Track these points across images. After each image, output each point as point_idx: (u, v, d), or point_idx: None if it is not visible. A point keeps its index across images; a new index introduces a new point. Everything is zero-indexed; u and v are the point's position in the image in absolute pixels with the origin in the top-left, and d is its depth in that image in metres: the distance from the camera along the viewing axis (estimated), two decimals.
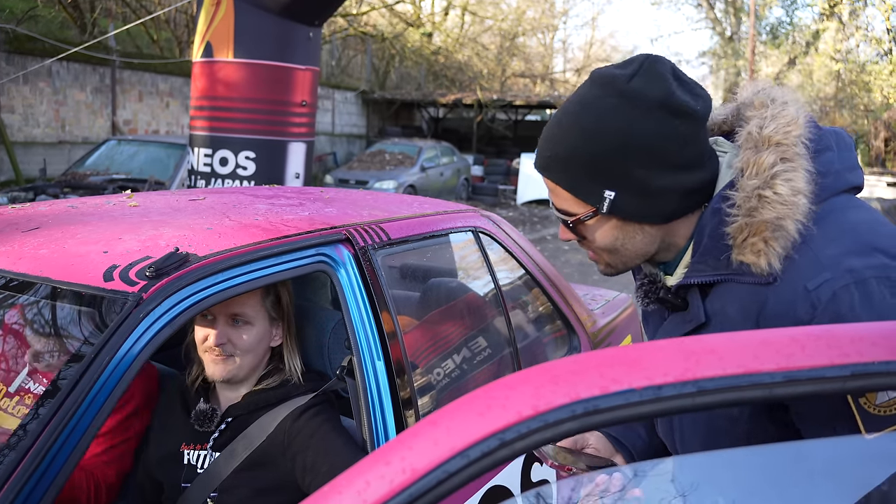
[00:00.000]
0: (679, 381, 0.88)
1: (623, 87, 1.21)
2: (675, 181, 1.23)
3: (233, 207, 2.09)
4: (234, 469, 1.84)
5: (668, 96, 1.20)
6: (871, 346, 0.93)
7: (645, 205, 1.25)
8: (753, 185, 1.20)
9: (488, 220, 2.64)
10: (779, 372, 0.90)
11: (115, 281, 1.52)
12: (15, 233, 1.83)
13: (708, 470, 1.11)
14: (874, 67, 26.61)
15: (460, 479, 0.82)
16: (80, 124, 13.99)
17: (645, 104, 1.20)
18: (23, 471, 1.26)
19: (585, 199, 1.27)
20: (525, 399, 0.85)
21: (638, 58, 1.25)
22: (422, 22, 26.89)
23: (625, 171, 1.23)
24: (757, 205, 1.18)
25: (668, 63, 1.25)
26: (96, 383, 1.36)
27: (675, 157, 1.22)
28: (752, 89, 1.35)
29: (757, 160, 1.21)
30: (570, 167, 1.27)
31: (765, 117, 1.26)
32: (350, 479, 0.83)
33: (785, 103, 1.28)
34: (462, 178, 19.29)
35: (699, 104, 1.23)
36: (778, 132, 1.22)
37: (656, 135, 1.20)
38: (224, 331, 1.89)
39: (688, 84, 1.25)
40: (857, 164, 1.30)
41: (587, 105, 1.24)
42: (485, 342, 2.43)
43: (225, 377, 1.90)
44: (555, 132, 1.28)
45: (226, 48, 5.58)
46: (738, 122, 1.31)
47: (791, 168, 1.20)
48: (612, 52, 40.08)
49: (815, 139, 1.25)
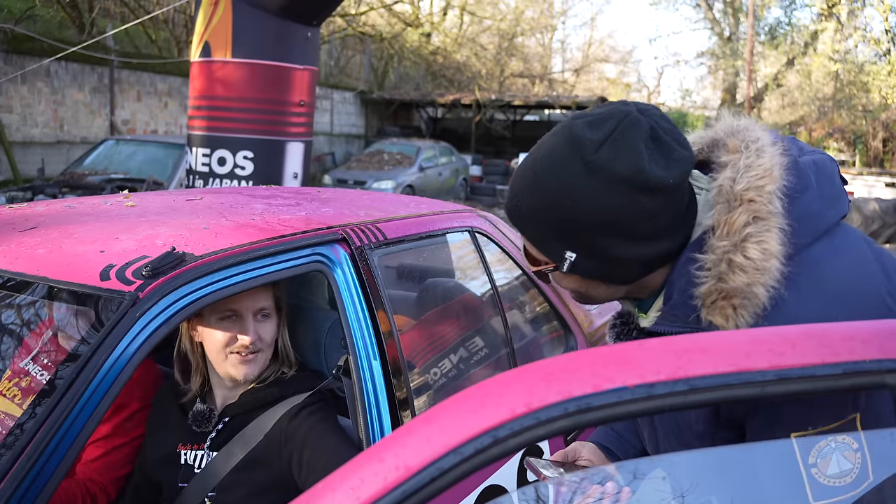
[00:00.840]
0: (671, 380, 0.88)
1: (591, 156, 1.16)
2: (638, 252, 1.20)
3: (230, 207, 2.10)
4: (232, 468, 1.84)
5: (636, 173, 1.14)
6: (863, 345, 0.93)
7: (606, 269, 1.24)
8: (724, 248, 1.16)
9: (485, 221, 2.64)
10: (770, 370, 0.90)
11: (111, 280, 1.53)
12: (12, 232, 1.83)
13: (691, 469, 1.11)
14: (872, 68, 26.61)
15: (453, 476, 0.83)
16: (79, 124, 13.98)
17: (610, 179, 1.15)
18: (19, 468, 1.26)
19: (547, 255, 1.26)
20: (518, 397, 0.86)
21: (614, 116, 1.19)
22: (420, 22, 26.88)
23: (586, 238, 1.20)
24: (727, 270, 1.15)
25: (646, 124, 1.18)
26: (92, 382, 1.36)
27: (639, 231, 1.18)
28: (728, 125, 1.29)
29: (728, 219, 1.17)
30: (532, 223, 1.25)
31: (738, 168, 1.20)
32: (344, 476, 0.84)
33: (760, 150, 1.22)
34: (460, 178, 19.29)
35: (674, 172, 1.16)
36: (751, 188, 1.17)
37: (620, 210, 1.16)
38: (254, 328, 1.87)
39: (665, 146, 1.18)
40: (839, 192, 1.26)
41: (554, 166, 1.20)
42: (481, 342, 2.43)
43: (254, 375, 1.89)
44: (522, 184, 1.25)
45: (224, 48, 5.58)
46: (713, 156, 1.27)
47: (764, 228, 1.16)
48: (611, 52, 40.07)
49: (793, 184, 1.20)
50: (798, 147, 1.30)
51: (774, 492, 1.05)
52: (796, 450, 1.06)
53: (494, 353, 2.47)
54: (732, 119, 1.31)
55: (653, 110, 1.22)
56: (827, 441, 1.04)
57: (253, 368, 1.88)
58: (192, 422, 1.92)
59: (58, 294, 1.56)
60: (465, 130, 25.06)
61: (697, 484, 1.02)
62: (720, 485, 1.05)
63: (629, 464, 1.37)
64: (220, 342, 1.86)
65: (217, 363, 1.90)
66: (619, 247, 1.20)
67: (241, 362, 1.87)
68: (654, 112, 1.21)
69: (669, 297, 1.24)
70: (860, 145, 23.73)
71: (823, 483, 1.05)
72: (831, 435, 1.05)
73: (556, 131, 1.25)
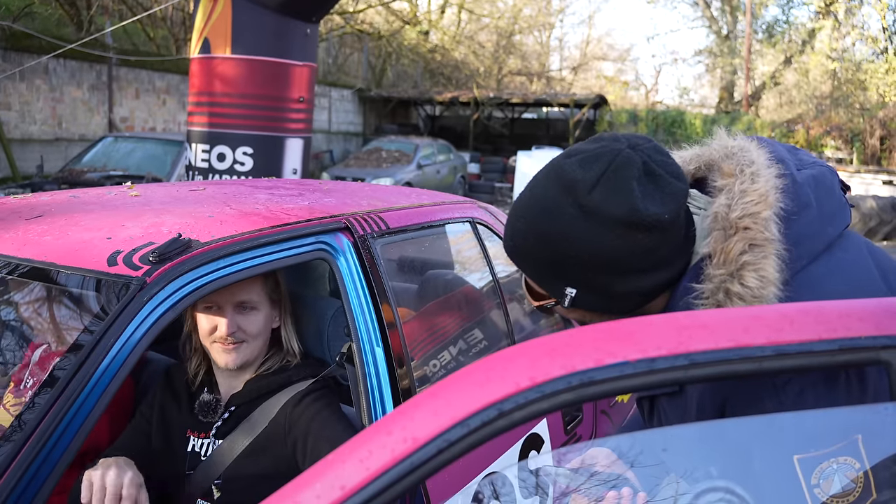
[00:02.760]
0: (672, 354, 0.90)
1: (583, 199, 1.16)
2: (637, 285, 1.21)
3: (233, 197, 2.12)
4: (238, 456, 1.86)
5: (629, 213, 1.14)
6: (859, 322, 0.95)
7: (606, 303, 1.24)
8: (721, 277, 1.16)
9: (485, 212, 2.66)
10: (768, 346, 0.92)
11: (118, 265, 1.55)
12: (18, 220, 1.85)
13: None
14: (870, 66, 26.65)
15: (460, 448, 0.85)
16: (77, 122, 13.99)
17: (605, 221, 1.15)
18: (29, 450, 1.28)
19: (548, 292, 1.28)
20: (523, 371, 0.88)
21: (604, 156, 1.18)
22: (418, 20, 26.89)
23: (584, 276, 1.21)
24: (724, 299, 1.15)
25: (638, 160, 1.18)
26: (100, 366, 1.38)
27: (636, 266, 1.19)
28: (723, 147, 1.29)
29: (724, 248, 1.17)
30: (531, 263, 1.27)
31: (733, 194, 1.20)
32: (353, 448, 0.86)
33: (755, 174, 1.21)
34: (458, 175, 19.32)
35: (669, 206, 1.16)
36: (745, 215, 1.17)
37: (617, 249, 1.17)
38: (233, 319, 1.90)
39: (659, 181, 1.17)
40: (840, 205, 1.26)
41: (547, 210, 1.20)
42: (482, 332, 2.45)
43: (238, 364, 1.91)
44: (518, 226, 1.26)
45: (223, 44, 5.59)
46: (710, 176, 1.27)
47: (761, 255, 1.15)
48: (609, 50, 40.07)
49: (790, 206, 1.19)
50: (797, 159, 1.29)
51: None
52: (798, 471, 1.07)
53: (496, 344, 2.49)
54: (727, 139, 1.31)
55: (644, 144, 1.21)
56: (829, 462, 1.04)
57: (236, 357, 1.91)
58: (198, 411, 1.94)
59: (66, 279, 1.58)
60: (463, 128, 25.10)
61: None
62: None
63: (628, 437, 1.38)
64: (205, 331, 1.92)
65: (208, 350, 1.95)
66: (618, 282, 1.21)
67: (224, 350, 1.91)
68: (645, 146, 1.21)
69: None
70: (857, 143, 23.75)
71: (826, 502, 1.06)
72: (833, 456, 1.05)
73: (548, 171, 1.24)
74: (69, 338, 1.53)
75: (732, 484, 0.98)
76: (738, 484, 0.97)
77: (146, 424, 2.00)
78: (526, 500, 1.72)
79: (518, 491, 2.07)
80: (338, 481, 0.83)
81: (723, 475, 1.04)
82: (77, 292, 1.57)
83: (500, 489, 2.15)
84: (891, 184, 17.33)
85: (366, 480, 0.83)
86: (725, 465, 1.05)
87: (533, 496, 1.69)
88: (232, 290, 1.87)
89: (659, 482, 1.25)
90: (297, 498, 0.84)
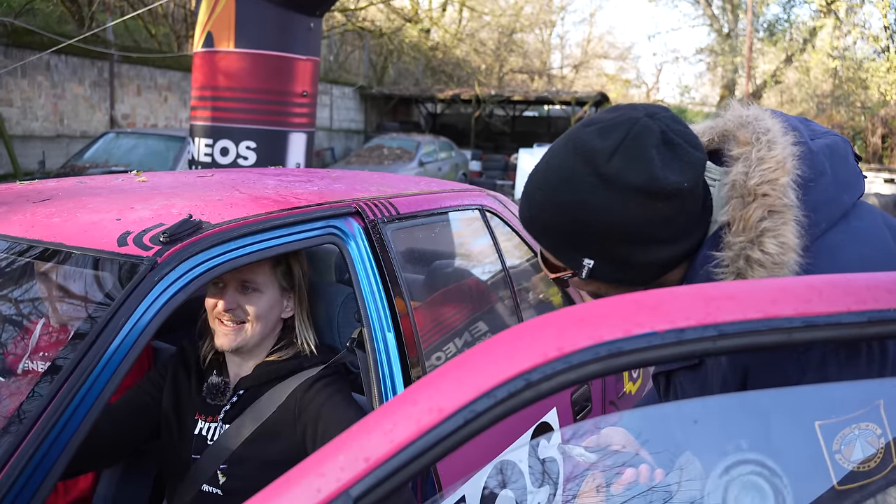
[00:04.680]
0: (700, 325, 0.89)
1: (602, 167, 1.15)
2: (656, 255, 1.20)
3: (242, 182, 2.10)
4: (244, 440, 1.84)
5: (649, 181, 1.14)
6: (888, 294, 0.94)
7: (624, 274, 1.24)
8: (741, 244, 1.15)
9: (494, 200, 2.65)
10: (797, 317, 0.90)
11: (129, 246, 1.53)
12: (26, 203, 1.83)
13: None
14: (871, 64, 26.64)
15: (487, 419, 0.83)
16: (79, 118, 13.98)
17: (624, 189, 1.14)
18: (41, 426, 1.27)
19: (565, 263, 1.26)
20: (550, 341, 0.86)
21: (623, 123, 1.17)
22: (419, 17, 26.88)
23: (603, 247, 1.20)
24: (745, 266, 1.15)
25: (657, 128, 1.17)
26: (111, 346, 1.36)
27: (656, 236, 1.18)
28: (737, 116, 1.28)
29: (743, 215, 1.16)
30: (549, 234, 1.26)
31: (750, 161, 1.19)
32: (378, 419, 0.84)
33: (771, 141, 1.20)
34: (460, 173, 19.30)
35: (687, 175, 1.16)
36: (764, 182, 1.16)
37: (636, 218, 1.16)
38: (234, 297, 1.88)
39: (677, 149, 1.17)
40: (855, 174, 1.25)
41: (565, 180, 1.19)
42: (493, 318, 2.44)
43: (234, 346, 1.89)
44: (535, 197, 1.25)
45: (227, 38, 5.57)
46: (724, 147, 1.26)
47: (780, 222, 1.15)
48: (610, 48, 40.04)
49: (807, 173, 1.19)
50: (810, 129, 1.28)
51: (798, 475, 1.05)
52: (820, 437, 1.06)
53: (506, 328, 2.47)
54: (742, 109, 1.29)
55: (662, 113, 1.20)
56: (851, 428, 1.03)
57: (233, 339, 1.89)
58: (206, 394, 1.93)
59: (75, 260, 1.56)
60: (465, 126, 25.10)
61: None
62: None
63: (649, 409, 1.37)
64: (209, 307, 1.91)
65: (213, 330, 1.93)
66: (637, 252, 1.20)
67: (223, 332, 1.89)
68: (663, 115, 1.20)
69: None
70: (859, 142, 23.76)
71: (847, 468, 1.05)
72: (854, 423, 1.04)
73: (566, 141, 1.23)
74: (78, 318, 1.51)
75: (763, 456, 0.96)
76: (761, 452, 0.96)
77: (154, 388, 2.00)
78: (537, 488, 1.71)
79: (528, 478, 2.06)
80: (362, 453, 0.82)
81: (742, 441, 1.03)
82: (86, 272, 1.55)
83: (510, 476, 2.13)
84: (892, 182, 17.31)
85: (391, 452, 0.81)
86: (746, 432, 1.04)
87: (543, 483, 1.68)
88: (237, 269, 1.86)
89: (674, 460, 1.25)
90: (320, 469, 0.82)
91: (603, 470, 1.32)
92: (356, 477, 0.80)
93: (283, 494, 0.82)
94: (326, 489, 0.80)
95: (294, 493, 0.82)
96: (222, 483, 1.83)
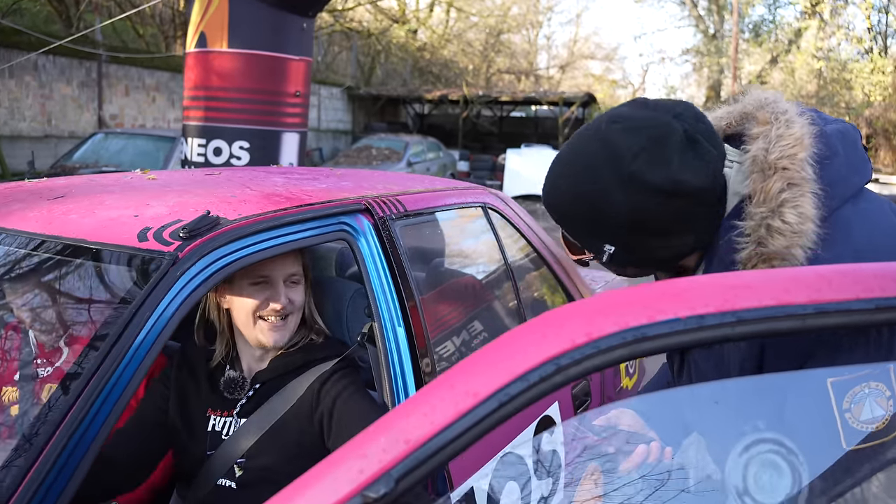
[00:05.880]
0: (720, 312, 0.93)
1: (626, 167, 1.22)
2: (672, 244, 1.28)
3: (251, 180, 2.13)
4: (261, 434, 1.86)
5: (670, 182, 1.21)
6: (893, 282, 0.98)
7: (643, 259, 1.32)
8: (762, 214, 1.22)
9: (496, 197, 2.69)
10: (810, 304, 0.95)
11: (149, 241, 1.55)
12: (40, 201, 1.85)
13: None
14: (855, 65, 26.89)
15: (521, 402, 0.87)
16: (67, 118, 13.93)
17: (644, 188, 1.22)
18: (69, 423, 1.29)
19: (586, 248, 1.35)
20: (579, 327, 0.90)
21: (648, 126, 1.24)
22: (407, 18, 26.90)
23: (622, 236, 1.28)
24: (766, 235, 1.21)
25: (680, 129, 1.23)
26: (136, 340, 1.38)
27: (675, 229, 1.26)
28: (756, 98, 1.35)
29: (764, 187, 1.23)
30: (570, 222, 1.34)
31: (769, 139, 1.26)
32: (416, 403, 0.87)
33: (789, 121, 1.28)
34: (448, 173, 19.32)
35: (706, 173, 1.23)
36: (784, 156, 1.24)
37: (654, 213, 1.24)
38: (285, 293, 1.88)
39: (698, 148, 1.24)
40: (863, 159, 1.32)
41: (588, 171, 1.27)
42: (496, 312, 2.48)
43: (284, 341, 1.90)
44: (558, 185, 1.32)
45: (220, 38, 5.58)
46: (743, 128, 1.34)
47: (799, 193, 1.22)
48: (596, 48, 40.21)
49: (822, 151, 1.26)
50: (822, 118, 1.35)
51: (809, 437, 1.10)
52: (831, 395, 1.11)
53: (510, 327, 2.51)
54: (760, 93, 1.37)
55: (687, 113, 1.27)
56: (861, 387, 1.09)
57: (283, 335, 1.89)
58: (223, 389, 1.92)
59: (96, 255, 1.58)
60: (452, 126, 25.12)
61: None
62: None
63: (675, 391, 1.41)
64: (251, 308, 1.87)
65: (246, 329, 1.90)
66: (655, 242, 1.28)
67: (271, 329, 1.88)
68: (687, 115, 1.27)
69: (710, 263, 1.31)
70: None
71: (857, 428, 1.09)
72: (865, 381, 1.09)
73: (592, 136, 1.30)
74: (99, 313, 1.54)
75: (781, 436, 1.01)
76: (778, 431, 1.01)
77: (162, 401, 1.98)
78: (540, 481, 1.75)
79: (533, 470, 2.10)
80: (402, 435, 0.85)
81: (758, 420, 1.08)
82: (108, 268, 1.57)
83: (516, 469, 2.17)
84: (877, 182, 17.48)
85: (430, 434, 0.85)
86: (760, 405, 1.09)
87: (547, 475, 1.73)
88: (283, 262, 1.86)
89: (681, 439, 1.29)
90: (362, 451, 0.85)
91: (614, 446, 1.38)
92: (398, 458, 0.84)
93: (325, 476, 0.85)
94: (369, 470, 0.83)
95: (336, 475, 0.85)
96: (238, 476, 1.85)
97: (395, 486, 0.82)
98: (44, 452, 1.24)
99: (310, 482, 0.86)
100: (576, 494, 1.29)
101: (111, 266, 1.56)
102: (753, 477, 1.00)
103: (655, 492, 1.30)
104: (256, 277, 1.85)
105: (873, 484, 1.09)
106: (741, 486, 1.00)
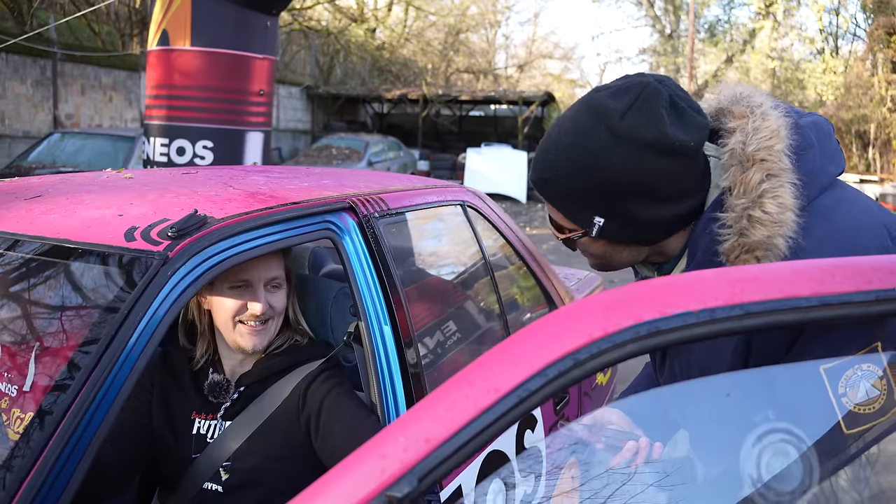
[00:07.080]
0: (728, 305, 0.94)
1: (615, 124, 1.24)
2: (663, 212, 1.29)
3: (231, 179, 2.10)
4: (247, 437, 1.84)
5: (660, 137, 1.22)
6: (891, 275, 1.01)
7: (633, 231, 1.32)
8: (742, 205, 1.24)
9: (474, 195, 2.69)
10: (814, 297, 0.97)
11: (137, 241, 1.52)
12: (17, 201, 1.81)
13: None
14: (808, 65, 27.47)
15: (540, 397, 0.87)
16: (21, 118, 13.61)
17: (636, 144, 1.23)
18: (65, 427, 1.27)
19: (576, 222, 1.34)
20: (594, 322, 0.90)
21: (635, 86, 1.26)
22: (366, 17, 26.80)
23: (614, 204, 1.28)
24: (747, 225, 1.23)
25: (666, 92, 1.26)
26: (129, 341, 1.36)
27: (664, 193, 1.27)
28: (731, 93, 1.37)
29: (744, 179, 1.25)
30: (561, 194, 1.33)
31: (747, 131, 1.28)
32: (435, 401, 0.87)
33: (765, 113, 1.30)
34: (408, 172, 19.32)
35: (694, 136, 1.25)
36: (761, 148, 1.26)
37: (646, 173, 1.24)
38: (265, 297, 1.86)
39: (683, 112, 1.26)
40: (837, 150, 1.35)
41: (579, 138, 1.28)
42: (477, 311, 2.48)
43: (264, 346, 1.88)
44: (548, 157, 1.33)
45: (183, 36, 5.51)
46: (720, 123, 1.35)
47: (777, 184, 1.24)
48: (554, 48, 40.46)
49: (798, 142, 1.28)
50: (795, 111, 1.38)
51: (809, 425, 1.12)
52: (825, 381, 1.13)
53: (490, 322, 2.52)
54: (734, 87, 1.39)
55: (668, 80, 1.30)
56: (853, 370, 1.11)
57: (262, 339, 1.87)
58: (208, 392, 1.90)
59: (82, 256, 1.55)
60: (412, 126, 25.11)
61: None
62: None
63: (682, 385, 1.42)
64: (231, 311, 1.85)
65: (226, 332, 1.88)
66: (646, 209, 1.28)
67: (250, 333, 1.86)
68: (670, 82, 1.29)
69: (693, 256, 1.33)
70: None
71: (855, 411, 1.12)
72: (857, 362, 1.12)
73: (577, 106, 1.32)
74: (88, 315, 1.50)
75: (791, 425, 1.03)
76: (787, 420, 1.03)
77: (144, 406, 1.95)
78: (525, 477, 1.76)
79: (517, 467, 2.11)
80: (422, 434, 0.85)
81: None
82: (95, 269, 1.54)
83: (500, 466, 2.18)
84: None
85: (451, 432, 0.84)
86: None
87: (530, 472, 1.73)
88: (265, 266, 1.84)
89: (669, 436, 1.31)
90: (382, 450, 0.85)
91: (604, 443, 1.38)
92: (419, 457, 0.83)
93: (346, 475, 0.84)
94: (390, 469, 0.83)
95: (358, 474, 0.84)
96: (225, 479, 1.82)
97: (418, 484, 0.82)
98: (40, 459, 1.21)
99: (330, 483, 0.85)
100: (555, 489, 1.29)
101: (98, 267, 1.52)
102: (766, 465, 1.02)
103: (648, 487, 1.31)
104: (236, 281, 1.83)
105: (841, 478, 1.12)
106: (755, 475, 1.02)
